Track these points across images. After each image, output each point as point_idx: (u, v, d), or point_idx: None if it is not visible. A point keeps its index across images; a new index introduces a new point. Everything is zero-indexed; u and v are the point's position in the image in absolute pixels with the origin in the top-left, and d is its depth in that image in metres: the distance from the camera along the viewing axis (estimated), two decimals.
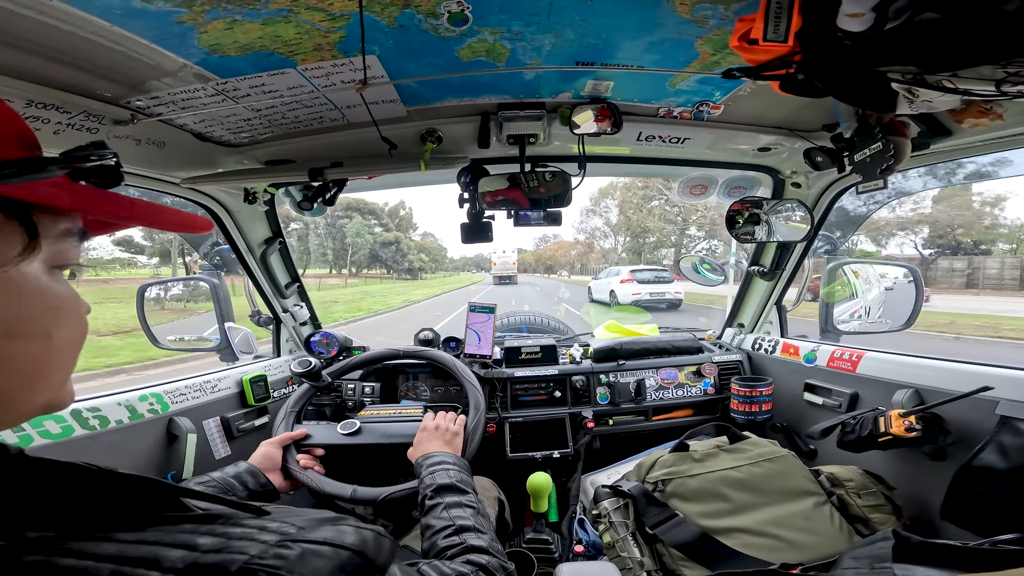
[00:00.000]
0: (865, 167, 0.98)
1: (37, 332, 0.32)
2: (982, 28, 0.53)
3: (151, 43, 0.74)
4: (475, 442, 1.10)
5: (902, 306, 1.56)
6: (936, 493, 1.01)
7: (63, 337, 0.34)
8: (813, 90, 0.73)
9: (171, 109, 0.96)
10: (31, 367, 0.32)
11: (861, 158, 0.99)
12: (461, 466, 0.90)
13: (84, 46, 0.71)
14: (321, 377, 1.29)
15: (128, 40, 0.72)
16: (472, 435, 1.11)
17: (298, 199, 1.40)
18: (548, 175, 1.22)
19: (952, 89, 0.66)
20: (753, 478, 1.08)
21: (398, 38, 0.79)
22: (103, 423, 1.02)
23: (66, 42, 0.70)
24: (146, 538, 0.29)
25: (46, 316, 0.32)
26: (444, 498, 0.78)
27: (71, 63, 0.76)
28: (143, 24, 0.69)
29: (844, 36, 0.62)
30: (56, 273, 0.34)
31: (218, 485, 0.87)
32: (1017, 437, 0.90)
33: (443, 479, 0.83)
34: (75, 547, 0.26)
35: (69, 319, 0.35)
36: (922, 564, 0.55)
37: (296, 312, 1.75)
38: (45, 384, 0.33)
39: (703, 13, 0.73)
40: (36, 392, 0.33)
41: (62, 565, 0.25)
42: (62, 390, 0.36)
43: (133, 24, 0.69)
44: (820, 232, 1.55)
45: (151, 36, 0.72)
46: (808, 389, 1.48)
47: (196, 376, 1.35)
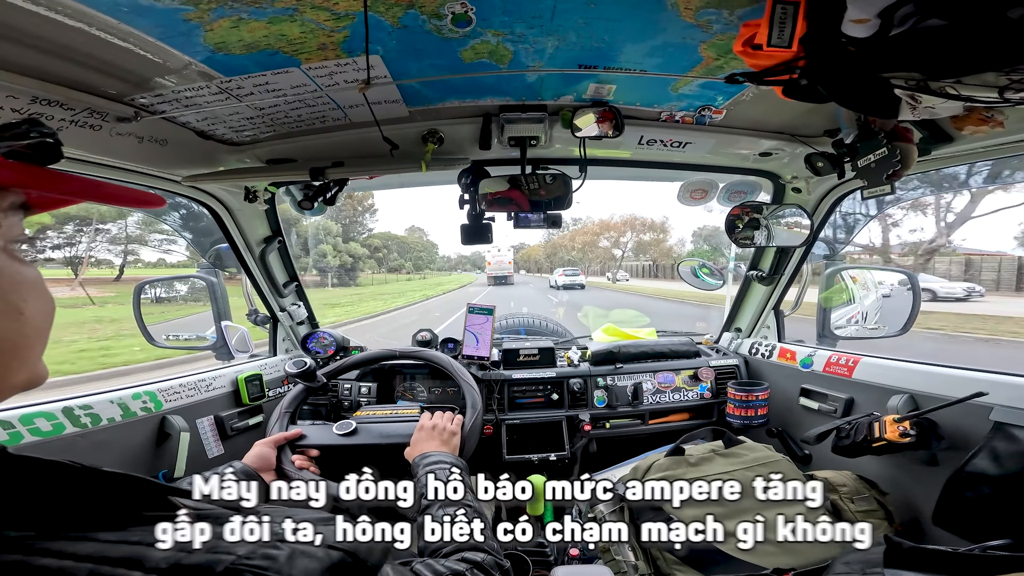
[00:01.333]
0: (870, 172, 0.98)
1: (6, 309, 0.32)
2: (987, 35, 0.54)
3: (157, 40, 0.74)
4: (472, 442, 1.10)
5: (899, 312, 1.57)
6: (928, 499, 1.01)
7: (34, 312, 0.34)
8: (816, 95, 0.74)
9: (174, 107, 0.96)
10: (7, 345, 0.32)
11: (865, 163, 0.98)
12: (458, 465, 0.90)
13: (91, 43, 0.71)
14: (316, 377, 1.28)
15: (134, 37, 0.72)
16: (469, 435, 1.11)
17: (299, 198, 1.40)
18: (549, 177, 1.22)
19: (955, 96, 0.67)
20: (748, 483, 1.08)
21: (402, 38, 0.79)
22: (95, 421, 1.02)
23: (73, 38, 0.70)
24: (128, 538, 0.28)
25: (11, 293, 0.32)
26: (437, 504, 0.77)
27: (77, 60, 0.76)
28: (150, 21, 0.69)
29: (848, 42, 0.62)
30: (12, 249, 0.34)
31: None
32: (1010, 443, 0.91)
33: (436, 481, 0.82)
34: (54, 547, 0.26)
35: (36, 293, 0.34)
36: (913, 569, 0.56)
37: (294, 311, 1.75)
38: (21, 362, 0.33)
39: (707, 18, 0.74)
40: (13, 371, 0.33)
41: (39, 565, 0.25)
42: (38, 366, 0.36)
43: (140, 21, 0.69)
44: (819, 237, 1.56)
45: (157, 33, 0.72)
46: (804, 394, 1.48)
47: (190, 374, 1.35)
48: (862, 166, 0.99)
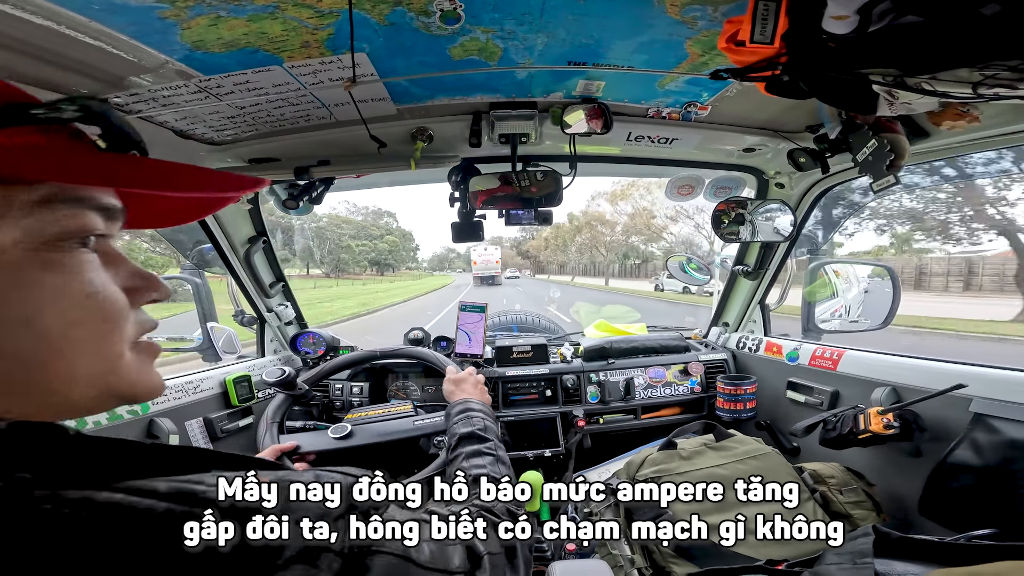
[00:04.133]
0: (870, 166, 0.97)
1: (9, 319, 0.28)
2: (961, 31, 0.55)
3: (131, 39, 0.71)
4: None
5: (880, 305, 1.61)
6: (914, 489, 1.03)
7: (52, 323, 0.30)
8: (797, 92, 0.75)
9: (151, 106, 0.93)
10: (27, 356, 0.29)
11: (863, 158, 0.98)
12: (486, 413, 0.90)
13: (59, 41, 0.69)
14: (296, 386, 1.26)
15: (107, 36, 0.70)
16: None
17: (283, 197, 1.37)
18: (540, 174, 1.22)
19: (931, 91, 0.68)
20: (738, 475, 1.10)
21: (389, 36, 0.78)
22: (80, 423, 1.00)
23: (40, 37, 0.67)
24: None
25: (16, 302, 0.29)
26: (464, 447, 0.78)
27: (45, 58, 0.73)
28: (123, 19, 0.67)
29: (829, 38, 0.63)
30: (43, 251, 0.29)
31: None
32: (990, 434, 0.93)
33: (465, 428, 0.83)
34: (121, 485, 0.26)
35: (57, 301, 0.30)
36: (902, 559, 0.57)
37: (281, 312, 1.72)
38: (51, 376, 0.30)
39: (693, 14, 0.74)
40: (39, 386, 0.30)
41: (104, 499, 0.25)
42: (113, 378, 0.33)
43: (112, 19, 0.66)
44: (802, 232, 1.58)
45: (131, 32, 0.70)
46: (791, 387, 1.51)
47: (177, 377, 1.32)
48: (861, 161, 0.99)
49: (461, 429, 0.83)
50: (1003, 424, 0.92)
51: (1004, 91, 0.62)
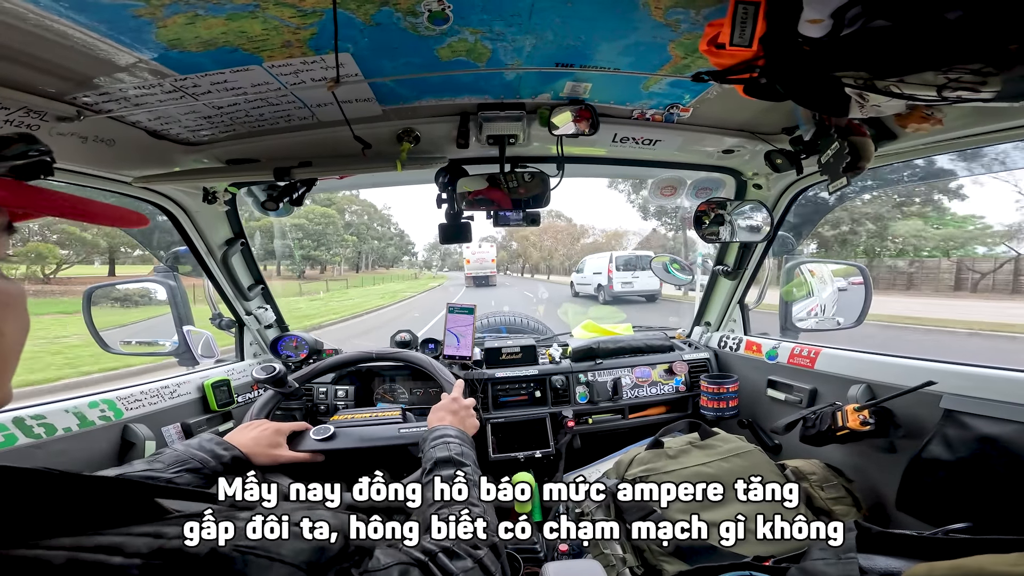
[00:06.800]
0: (829, 167, 1.01)
1: None
2: (926, 35, 0.57)
3: (103, 37, 0.68)
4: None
5: (854, 304, 1.66)
6: (891, 484, 1.06)
7: (12, 332, 0.32)
8: (774, 94, 0.76)
9: (123, 106, 0.89)
10: None
11: (825, 160, 1.02)
12: (462, 439, 0.90)
13: (25, 39, 0.65)
14: (287, 383, 1.24)
15: (76, 34, 0.67)
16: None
17: (262, 199, 1.33)
18: (527, 176, 1.22)
19: (898, 94, 0.71)
20: (723, 473, 1.11)
21: (374, 36, 0.77)
22: (49, 431, 0.97)
23: (5, 35, 0.64)
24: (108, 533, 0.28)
25: None
26: (441, 471, 0.78)
27: (9, 57, 0.69)
28: (94, 17, 0.64)
29: (804, 42, 0.65)
30: None
31: (186, 461, 0.84)
32: (960, 430, 0.95)
33: (442, 452, 0.83)
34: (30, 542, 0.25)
35: (16, 313, 0.33)
36: (883, 553, 0.59)
37: (261, 315, 1.68)
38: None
39: (676, 17, 0.75)
40: None
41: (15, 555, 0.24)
42: (7, 388, 0.34)
43: (82, 17, 0.64)
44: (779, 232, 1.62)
45: (103, 30, 0.67)
46: (771, 385, 1.54)
47: (152, 382, 1.28)
48: (823, 163, 1.03)
49: (439, 453, 0.83)
50: (972, 420, 0.95)
51: (966, 94, 0.65)
